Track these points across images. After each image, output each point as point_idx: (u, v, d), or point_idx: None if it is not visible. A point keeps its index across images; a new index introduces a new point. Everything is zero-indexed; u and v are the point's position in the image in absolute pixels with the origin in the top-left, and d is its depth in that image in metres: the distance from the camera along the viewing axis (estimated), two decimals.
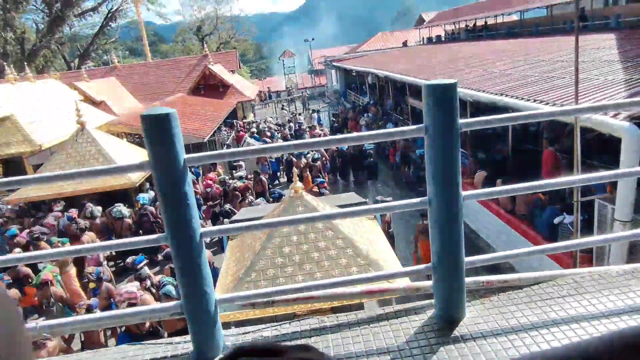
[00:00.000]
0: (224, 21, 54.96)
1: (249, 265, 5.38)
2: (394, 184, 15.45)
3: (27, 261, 1.87)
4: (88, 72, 26.89)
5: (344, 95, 34.37)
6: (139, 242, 1.88)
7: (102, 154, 11.18)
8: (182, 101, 21.83)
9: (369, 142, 2.55)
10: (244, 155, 1.94)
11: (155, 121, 1.70)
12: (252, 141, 17.64)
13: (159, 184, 1.76)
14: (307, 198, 5.93)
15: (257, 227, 2.05)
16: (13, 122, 14.64)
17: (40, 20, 42.11)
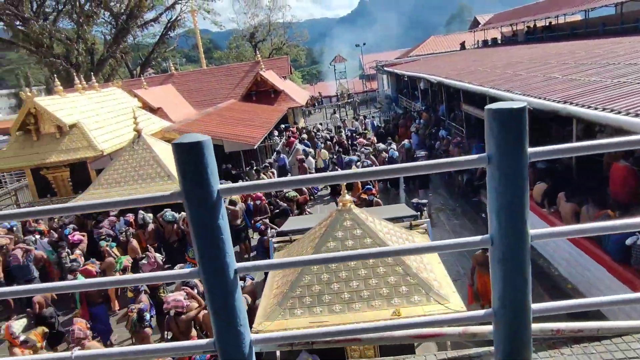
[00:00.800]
0: (276, 27, 55.84)
1: (294, 280, 5.25)
2: (446, 192, 14.93)
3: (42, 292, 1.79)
4: (147, 79, 28.02)
5: (396, 100, 33.85)
6: (173, 276, 1.77)
7: (155, 161, 11.51)
8: (233, 107, 22.25)
9: (424, 172, 2.36)
10: (280, 187, 1.79)
11: (188, 149, 1.58)
12: (301, 147, 17.63)
13: (191, 216, 1.64)
14: (355, 211, 5.74)
15: (296, 264, 1.88)
16: (80, 128, 15.42)
17: (107, 32, 44.47)
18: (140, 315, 6.84)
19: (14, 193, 19.01)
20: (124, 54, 43.65)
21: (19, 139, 15.72)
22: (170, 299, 6.30)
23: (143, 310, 6.93)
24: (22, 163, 15.47)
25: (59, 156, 14.99)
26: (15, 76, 78.83)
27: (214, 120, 18.02)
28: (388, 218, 6.52)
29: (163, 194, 1.70)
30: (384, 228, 5.88)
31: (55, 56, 39.65)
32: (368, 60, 49.51)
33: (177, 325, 6.39)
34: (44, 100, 16.01)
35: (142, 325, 6.85)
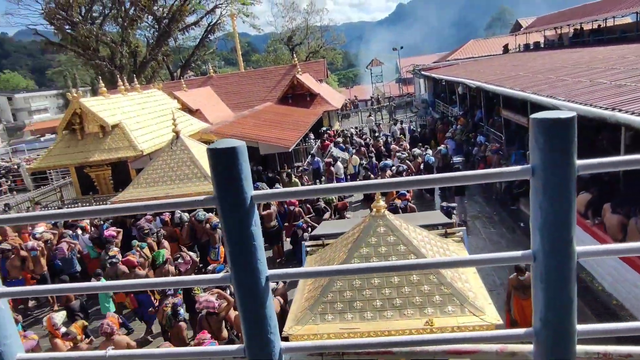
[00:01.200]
0: (313, 31, 56.14)
1: (326, 285, 5.22)
2: (483, 200, 14.56)
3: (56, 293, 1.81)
4: (187, 81, 28.70)
5: (433, 105, 33.38)
6: (204, 281, 1.77)
7: (192, 161, 11.74)
8: (269, 110, 22.47)
9: (463, 183, 2.26)
10: (312, 195, 1.76)
11: (222, 155, 1.57)
12: (336, 151, 17.62)
13: (224, 222, 1.63)
14: (389, 217, 5.66)
15: (327, 273, 1.85)
16: (121, 129, 15.94)
17: (150, 36, 45.92)
18: (174, 309, 7.06)
19: (59, 190, 19.83)
20: (165, 56, 44.93)
21: (64, 138, 16.39)
22: (202, 299, 6.41)
23: (177, 304, 7.15)
24: (67, 161, 16.10)
25: (101, 155, 15.53)
26: (63, 77, 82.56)
27: (250, 123, 18.25)
28: (422, 225, 6.41)
29: (197, 199, 1.70)
30: (418, 235, 5.78)
31: (100, 58, 41.24)
32: (405, 64, 49.08)
33: (209, 325, 6.49)
34: (89, 101, 16.63)
35: (176, 319, 7.03)
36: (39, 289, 2.33)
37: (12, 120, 77.74)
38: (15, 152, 41.75)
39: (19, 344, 2.05)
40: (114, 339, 6.42)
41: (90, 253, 11.62)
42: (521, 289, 6.89)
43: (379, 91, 47.60)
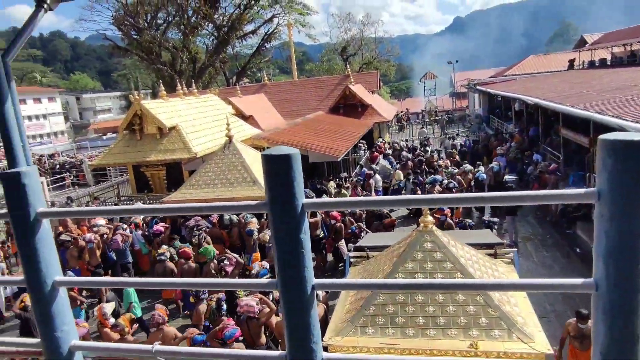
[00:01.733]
0: (368, 42, 56.21)
1: (368, 298, 5.16)
2: (536, 221, 13.96)
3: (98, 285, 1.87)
4: (242, 88, 29.45)
5: (486, 120, 32.51)
6: (250, 285, 1.80)
7: (243, 166, 11.99)
8: (321, 119, 22.65)
9: (524, 204, 2.10)
10: (361, 206, 1.75)
11: (276, 161, 1.60)
12: (385, 163, 17.48)
13: (274, 227, 1.65)
14: (437, 233, 5.54)
15: (375, 286, 1.82)
16: (178, 131, 16.56)
17: (209, 43, 47.60)
18: (218, 304, 7.33)
19: (117, 186, 20.83)
20: (222, 63, 46.40)
21: (125, 138, 17.21)
22: (244, 303, 6.51)
23: (222, 300, 7.41)
24: (126, 160, 16.89)
25: (157, 156, 16.18)
26: (127, 80, 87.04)
27: (301, 131, 18.46)
28: (471, 243, 6.22)
29: (249, 203, 1.73)
30: (466, 254, 5.61)
31: (162, 63, 43.16)
32: (460, 78, 48.18)
33: (248, 329, 6.56)
34: (149, 103, 17.41)
35: (220, 314, 7.26)
36: (95, 280, 2.44)
37: (79, 119, 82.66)
38: (79, 149, 44.30)
39: (74, 331, 2.16)
40: (163, 329, 6.69)
41: (142, 249, 12.12)
42: (579, 339, 6.33)
43: (432, 104, 46.92)
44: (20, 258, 2.05)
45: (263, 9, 47.07)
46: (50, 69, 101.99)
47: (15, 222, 1.99)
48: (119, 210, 2.08)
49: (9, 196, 1.97)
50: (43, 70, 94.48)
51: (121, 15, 42.36)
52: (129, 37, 43.59)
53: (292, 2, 46.96)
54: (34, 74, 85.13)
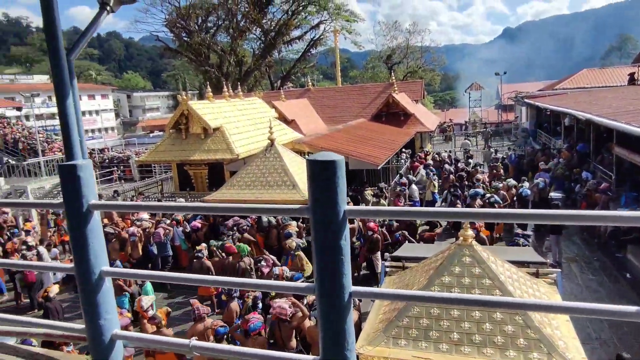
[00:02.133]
0: (413, 51, 55.76)
1: (403, 309, 5.09)
2: (582, 242, 13.38)
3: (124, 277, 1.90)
4: (285, 92, 29.80)
5: (533, 134, 31.49)
6: (287, 288, 1.81)
7: (283, 169, 12.11)
8: (362, 126, 22.60)
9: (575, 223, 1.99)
10: (403, 216, 1.73)
11: (321, 166, 1.61)
12: (424, 173, 17.24)
13: (315, 232, 1.66)
14: (476, 248, 5.40)
15: (414, 298, 1.80)
16: (222, 132, 16.94)
17: (256, 47, 48.55)
18: (254, 302, 7.47)
19: (160, 183, 21.49)
20: (268, 67, 47.18)
21: (171, 136, 17.74)
22: (276, 305, 6.56)
23: (258, 298, 7.54)
24: (170, 157, 17.41)
25: (201, 155, 16.59)
26: (175, 80, 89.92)
27: (342, 137, 18.48)
28: (511, 260, 6.03)
29: (291, 207, 1.75)
30: (506, 271, 5.45)
31: (210, 65, 44.35)
32: (507, 90, 46.91)
33: (280, 331, 6.60)
34: (196, 104, 17.89)
35: (255, 311, 7.45)
36: (140, 272, 2.53)
37: (128, 116, 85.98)
38: (127, 145, 46.04)
39: (117, 320, 2.24)
40: (205, 322, 6.89)
41: (181, 245, 12.46)
42: None
43: (476, 116, 45.93)
44: (72, 247, 2.15)
45: (310, 15, 47.62)
46: (105, 68, 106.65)
47: (69, 212, 2.09)
48: (165, 207, 2.15)
49: (65, 187, 2.07)
50: (98, 68, 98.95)
51: (173, 18, 43.88)
52: (179, 39, 45.07)
53: (339, 9, 47.26)
54: (90, 71, 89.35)
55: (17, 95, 44.77)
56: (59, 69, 2.01)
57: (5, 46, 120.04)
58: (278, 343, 6.50)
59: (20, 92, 37.42)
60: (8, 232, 14.12)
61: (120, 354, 2.20)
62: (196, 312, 7.03)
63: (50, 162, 26.63)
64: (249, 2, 43.29)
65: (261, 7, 43.91)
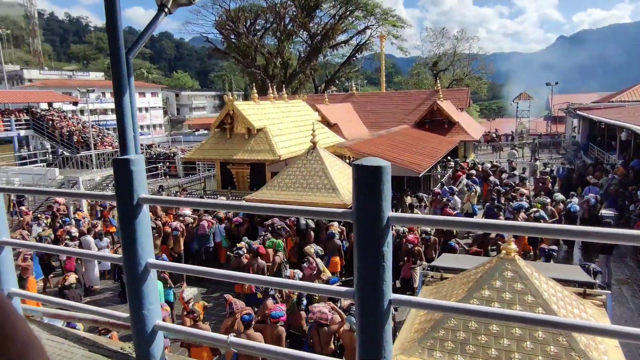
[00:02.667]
0: (460, 58, 54.69)
1: (439, 320, 4.99)
2: (634, 263, 12.68)
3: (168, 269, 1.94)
4: (329, 96, 29.93)
5: (585, 148, 30.21)
6: (326, 291, 1.81)
7: (324, 173, 12.15)
8: (405, 132, 22.37)
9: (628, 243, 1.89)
10: (450, 226, 1.70)
11: (367, 172, 1.60)
12: (467, 182, 16.85)
13: (357, 237, 1.65)
14: (519, 263, 5.22)
15: (455, 310, 1.76)
16: (265, 133, 17.19)
17: (302, 50, 49.05)
18: (299, 299, 7.57)
19: (203, 180, 22.04)
20: (313, 70, 47.53)
21: (216, 135, 18.16)
22: (316, 310, 6.57)
23: (302, 295, 7.63)
24: (214, 156, 17.81)
25: (244, 155, 16.89)
26: (222, 81, 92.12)
27: (384, 143, 18.36)
28: (557, 278, 5.79)
29: (335, 211, 1.75)
30: (550, 289, 5.24)
31: (256, 67, 45.17)
32: (558, 101, 45.23)
33: (319, 336, 6.61)
34: (241, 104, 18.24)
35: (299, 307, 7.65)
36: (183, 266, 2.59)
37: (176, 114, 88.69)
38: (173, 142, 47.47)
39: (159, 311, 2.31)
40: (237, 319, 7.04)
41: (222, 242, 12.72)
42: None
43: (523, 126, 44.53)
44: (121, 238, 2.24)
45: (357, 19, 47.65)
46: (156, 67, 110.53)
47: (120, 204, 2.18)
48: (210, 204, 2.20)
49: (117, 180, 2.16)
50: (150, 67, 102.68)
51: (223, 20, 44.98)
52: (228, 40, 46.13)
53: (386, 15, 47.06)
54: (142, 69, 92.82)
55: (74, 91, 47.09)
56: (118, 67, 2.10)
57: (65, 44, 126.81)
58: (316, 349, 6.51)
59: (77, 87, 39.32)
60: (60, 220, 14.85)
61: (161, 344, 2.26)
62: (233, 306, 7.16)
63: (101, 156, 27.85)
64: (297, 6, 43.82)
65: (309, 11, 44.35)
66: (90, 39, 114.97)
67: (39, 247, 4.50)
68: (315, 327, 6.60)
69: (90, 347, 2.51)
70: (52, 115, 36.12)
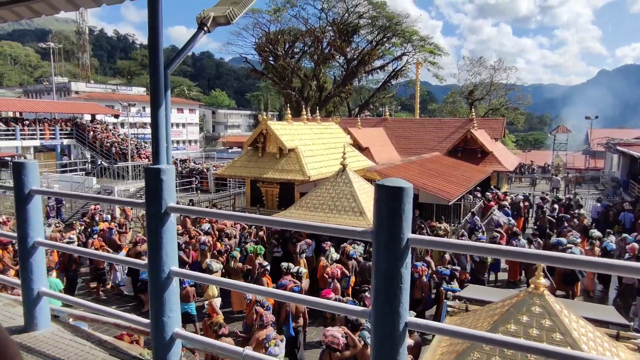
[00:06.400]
0: (497, 88, 54.15)
1: (461, 353, 4.84)
2: None
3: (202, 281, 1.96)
4: (362, 120, 30.06)
5: (624, 185, 29.15)
6: (344, 310, 1.81)
7: (352, 196, 12.14)
8: (437, 160, 22.16)
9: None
10: (471, 251, 1.68)
11: (389, 192, 1.62)
12: (499, 214, 16.48)
13: (376, 257, 1.66)
14: (548, 299, 5.04)
15: (471, 337, 1.73)
16: (296, 153, 17.36)
17: (338, 74, 49.69)
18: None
19: (233, 197, 22.34)
20: (347, 94, 48.00)
21: (248, 153, 18.47)
22: (329, 333, 6.47)
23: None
24: (245, 173, 18.08)
25: (274, 174, 17.07)
26: (258, 101, 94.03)
27: (415, 169, 18.23)
28: (588, 318, 5.55)
29: (355, 229, 1.76)
30: (580, 328, 5.02)
31: (292, 89, 45.98)
32: (597, 136, 44.01)
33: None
34: (274, 124, 18.53)
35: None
36: (207, 277, 2.64)
37: (211, 131, 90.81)
38: (207, 158, 48.47)
39: (179, 319, 2.35)
40: (268, 330, 7.07)
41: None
42: None
43: (560, 159, 43.40)
44: (147, 244, 2.31)
45: (395, 46, 48.03)
46: (196, 84, 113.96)
47: (148, 211, 2.25)
48: (238, 216, 2.25)
49: (148, 188, 2.24)
50: (190, 84, 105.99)
51: (263, 42, 46.20)
52: (266, 62, 47.25)
53: (424, 41, 47.27)
54: (182, 87, 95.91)
55: (116, 104, 48.96)
56: (156, 80, 2.20)
57: (112, 59, 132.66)
58: None
59: (119, 101, 40.91)
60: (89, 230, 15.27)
61: (178, 352, 2.29)
62: (263, 319, 7.19)
63: (137, 167, 28.69)
64: (335, 31, 44.60)
65: (347, 36, 45.06)
66: (136, 55, 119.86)
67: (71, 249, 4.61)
68: (327, 352, 6.49)
69: (111, 350, 2.57)
70: (95, 126, 37.61)
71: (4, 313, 3.11)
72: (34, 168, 2.79)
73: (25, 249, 2.74)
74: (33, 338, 2.72)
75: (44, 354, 2.52)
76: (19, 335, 2.75)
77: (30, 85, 76.04)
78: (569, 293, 11.30)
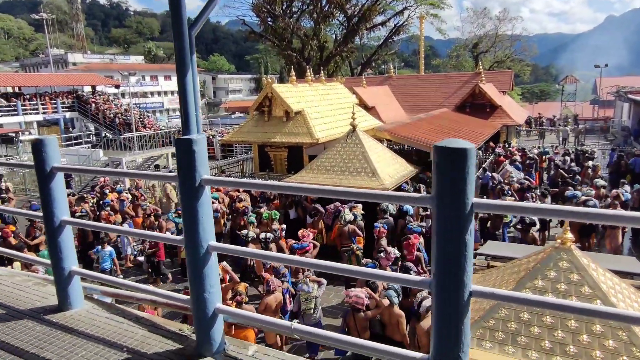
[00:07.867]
0: (502, 40, 52.76)
1: (489, 310, 4.83)
2: None
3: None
4: (367, 79, 29.48)
5: (636, 134, 28.74)
6: (400, 280, 1.72)
7: (364, 156, 11.99)
8: (445, 116, 21.83)
9: None
10: (531, 213, 1.57)
11: (451, 154, 1.49)
12: (511, 169, 16.32)
13: (437, 224, 1.55)
14: (575, 253, 4.98)
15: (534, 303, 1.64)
16: (303, 116, 17.08)
17: (338, 32, 48.45)
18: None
19: (241, 163, 22.26)
20: (349, 53, 46.91)
21: (254, 118, 18.22)
22: (352, 294, 6.46)
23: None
24: (252, 139, 17.89)
25: (282, 138, 16.88)
26: (258, 64, 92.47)
27: (424, 127, 17.96)
28: (614, 270, 5.51)
29: (413, 196, 1.65)
30: (608, 280, 4.98)
31: (292, 50, 44.97)
32: (606, 84, 43.09)
33: (354, 321, 6.55)
34: (279, 87, 18.17)
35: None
36: (245, 250, 2.55)
37: (213, 97, 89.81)
38: (211, 125, 48.14)
39: (219, 295, 2.28)
40: (276, 295, 7.16)
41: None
42: None
43: (569, 110, 42.76)
44: (183, 220, 2.21)
45: (395, 0, 46.56)
46: None
47: (182, 185, 2.14)
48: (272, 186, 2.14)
49: (180, 161, 2.12)
50: None
51: (260, 3, 44.83)
52: (265, 23, 46.01)
53: None
54: None
55: (115, 74, 48.29)
56: (181, 44, 2.05)
57: (106, 28, 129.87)
58: (352, 334, 6.45)
59: (119, 71, 40.28)
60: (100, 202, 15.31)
61: (221, 328, 2.24)
62: (270, 285, 7.23)
63: (143, 137, 28.52)
64: None
65: None
66: (130, 23, 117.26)
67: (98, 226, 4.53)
68: (352, 313, 6.52)
69: (150, 327, 2.53)
70: (96, 98, 37.22)
71: (37, 292, 3.07)
72: (54, 144, 2.67)
73: (52, 228, 2.66)
74: (69, 317, 2.68)
75: (83, 332, 2.48)
76: (55, 315, 2.71)
77: (27, 59, 74.89)
78: (584, 245, 11.28)
